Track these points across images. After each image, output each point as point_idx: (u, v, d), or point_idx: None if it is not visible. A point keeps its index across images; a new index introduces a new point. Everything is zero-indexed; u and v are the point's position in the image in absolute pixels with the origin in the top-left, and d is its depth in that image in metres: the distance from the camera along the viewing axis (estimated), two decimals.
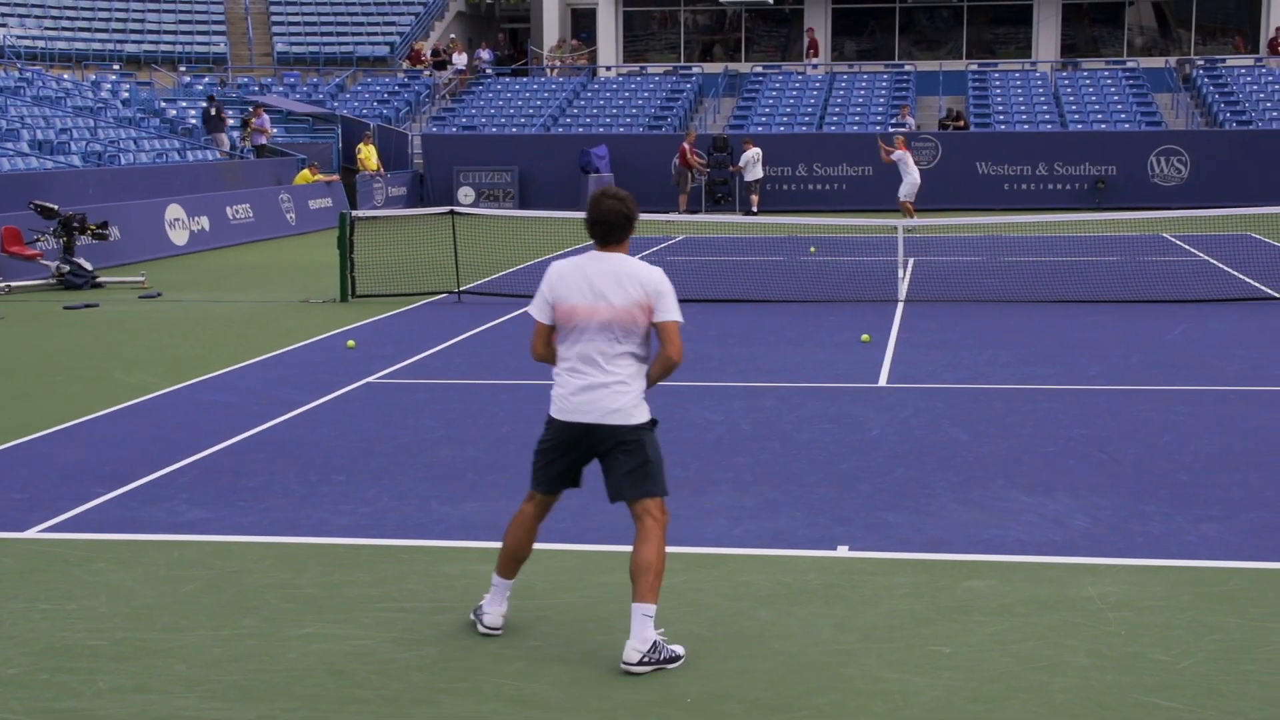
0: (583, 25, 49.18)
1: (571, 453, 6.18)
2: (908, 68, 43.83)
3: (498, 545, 7.69)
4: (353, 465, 9.63)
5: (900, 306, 17.15)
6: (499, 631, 6.33)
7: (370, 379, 12.89)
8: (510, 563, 6.39)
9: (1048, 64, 43.87)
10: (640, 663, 5.88)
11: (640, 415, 6.07)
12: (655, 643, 5.92)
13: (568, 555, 7.52)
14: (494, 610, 6.35)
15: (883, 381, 12.49)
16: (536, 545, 6.30)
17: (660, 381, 6.14)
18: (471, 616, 6.47)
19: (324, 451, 10.07)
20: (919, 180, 29.47)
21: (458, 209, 21.43)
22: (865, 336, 14.58)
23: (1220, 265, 21.27)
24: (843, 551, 7.55)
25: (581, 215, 6.25)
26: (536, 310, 6.17)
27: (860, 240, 26.52)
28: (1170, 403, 11.32)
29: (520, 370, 13.30)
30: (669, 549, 7.49)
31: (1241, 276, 19.67)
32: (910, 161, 29.54)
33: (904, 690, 5.68)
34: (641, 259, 6.19)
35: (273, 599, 6.89)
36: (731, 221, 29.56)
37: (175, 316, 17.54)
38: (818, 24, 47.09)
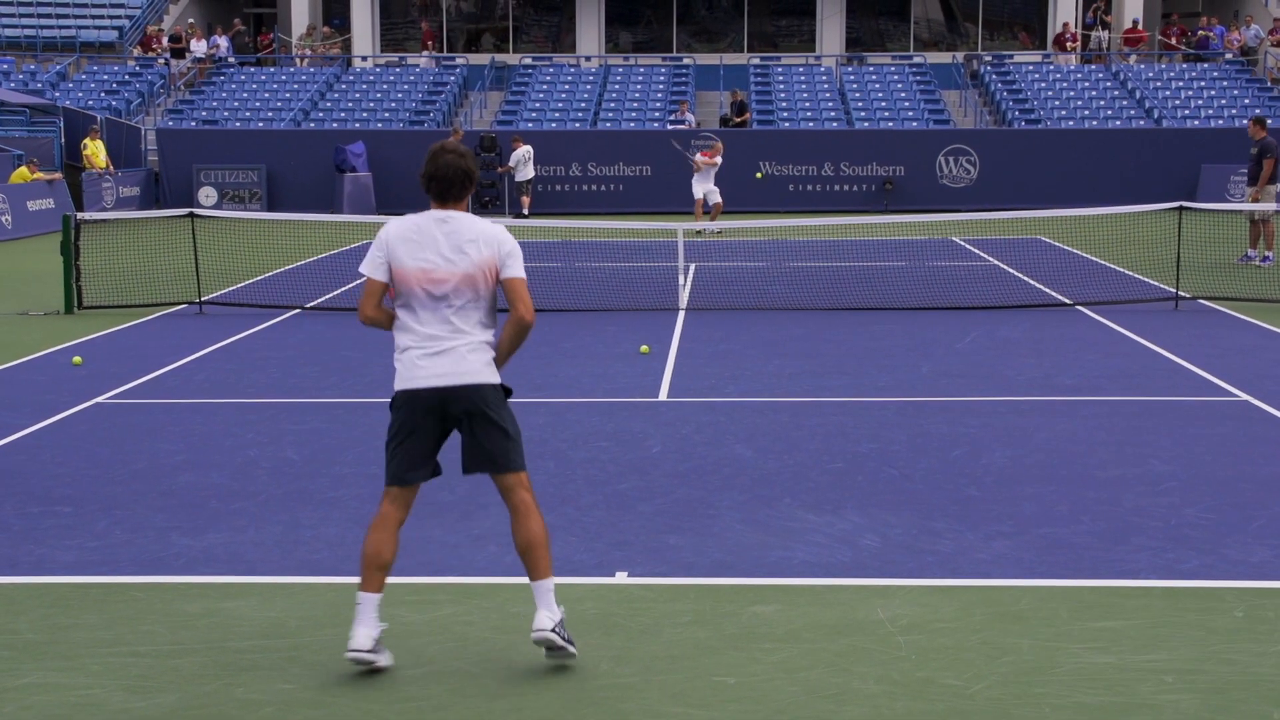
0: (335, 11, 48.66)
1: (427, 426, 6.24)
2: (686, 61, 44.45)
3: (242, 580, 7.60)
4: (80, 495, 9.35)
5: (681, 315, 17.37)
6: (371, 657, 6.12)
7: (100, 399, 12.53)
8: (374, 572, 6.21)
9: (832, 58, 44.96)
10: (554, 630, 6.08)
11: (494, 376, 6.32)
12: (563, 619, 6.16)
13: (323, 589, 7.42)
14: (362, 631, 6.12)
15: (663, 395, 12.63)
16: (285, 579, 6.17)
17: (513, 351, 6.42)
18: (348, 656, 6.16)
19: (46, 480, 9.74)
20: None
21: (198, 211, 21.02)
22: (644, 347, 14.72)
23: (1011, 270, 22.06)
24: (621, 578, 7.60)
25: (336, 218, 6.30)
26: (370, 268, 6.27)
27: (639, 245, 26.77)
28: (961, 415, 11.69)
29: (270, 388, 13.09)
30: (437, 579, 7.49)
31: (1032, 282, 20.43)
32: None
33: None
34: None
35: None
36: (503, 225, 29.52)
37: None
38: (590, 13, 47.44)
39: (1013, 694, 6.01)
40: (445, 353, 6.21)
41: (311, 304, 18.63)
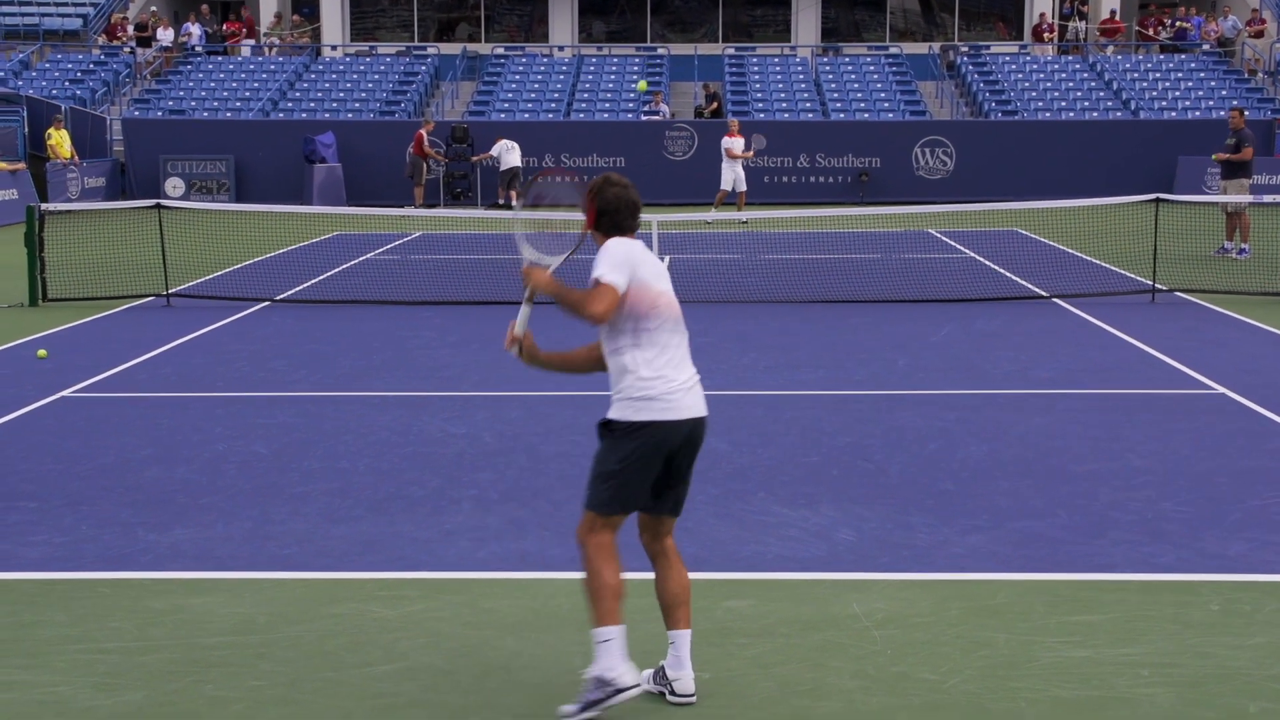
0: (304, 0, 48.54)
1: (663, 458, 5.93)
2: (661, 51, 44.44)
3: (210, 575, 7.58)
4: (45, 490, 9.31)
5: None
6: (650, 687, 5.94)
7: (65, 393, 12.48)
8: (619, 603, 5.83)
9: (808, 49, 45.00)
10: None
11: None
12: None
13: (293, 585, 7.41)
14: (629, 668, 5.75)
15: None
16: (254, 574, 6.16)
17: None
18: (605, 700, 5.75)
19: (11, 476, 9.70)
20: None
21: (165, 202, 20.94)
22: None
23: (987, 263, 22.12)
24: None
25: (306, 209, 6.23)
26: (621, 277, 5.88)
27: None
28: (937, 408, 11.72)
29: (238, 382, 13.06)
30: (408, 574, 7.49)
31: (1008, 274, 20.49)
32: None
33: None
34: (377, 256, 6.17)
35: None
36: (475, 216, 29.52)
37: None
38: (563, 2, 47.40)
39: (989, 688, 6.04)
40: (696, 382, 6.01)
41: (281, 296, 18.58)
